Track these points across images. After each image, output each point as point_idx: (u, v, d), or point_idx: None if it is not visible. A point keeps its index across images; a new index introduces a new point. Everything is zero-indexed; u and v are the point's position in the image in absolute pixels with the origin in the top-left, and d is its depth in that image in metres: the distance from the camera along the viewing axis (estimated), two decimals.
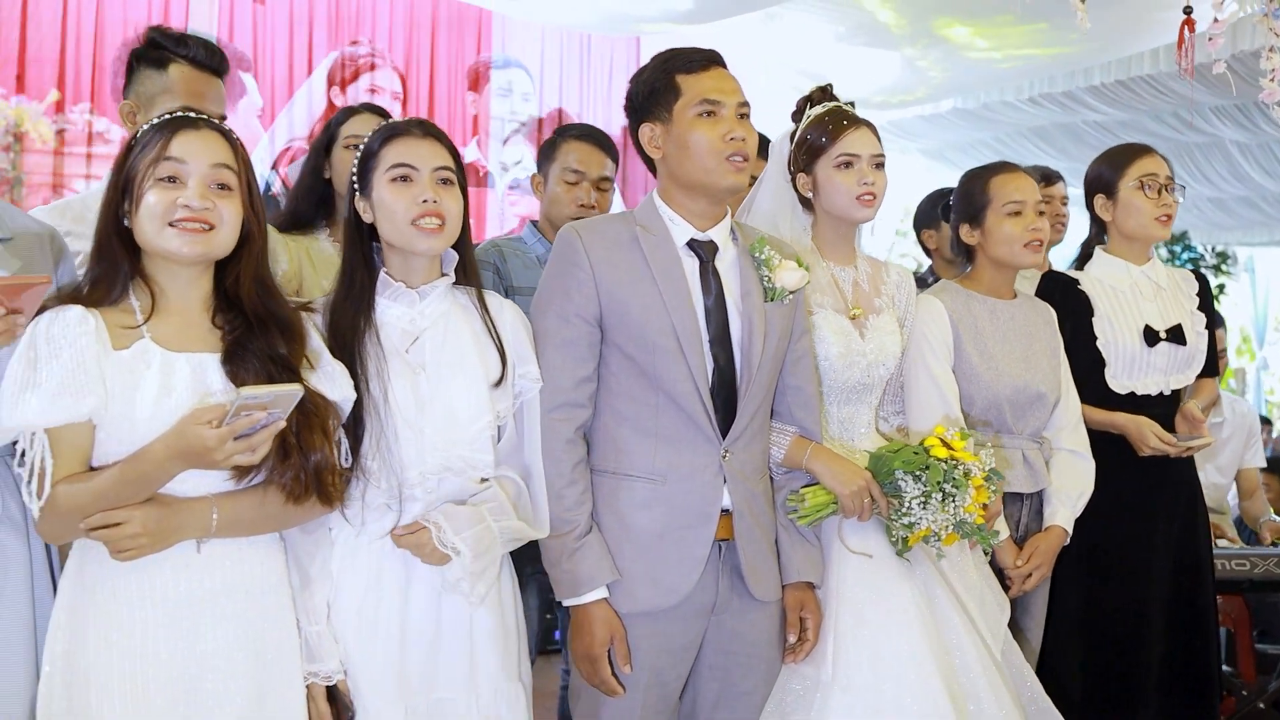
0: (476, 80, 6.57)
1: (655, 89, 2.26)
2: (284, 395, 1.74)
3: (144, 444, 1.79)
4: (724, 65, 2.29)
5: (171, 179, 1.84)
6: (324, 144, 2.86)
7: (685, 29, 5.34)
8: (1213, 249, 10.38)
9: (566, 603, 2.20)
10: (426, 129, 2.14)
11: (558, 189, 3.06)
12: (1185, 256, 9.41)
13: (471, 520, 2.02)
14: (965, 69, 5.62)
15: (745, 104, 2.26)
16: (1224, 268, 10.51)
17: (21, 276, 1.73)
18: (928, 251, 3.81)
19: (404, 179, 2.07)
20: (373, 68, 6.36)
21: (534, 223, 3.15)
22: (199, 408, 1.78)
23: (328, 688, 1.98)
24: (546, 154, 3.12)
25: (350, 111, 2.92)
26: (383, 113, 2.95)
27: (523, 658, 2.17)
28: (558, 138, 3.14)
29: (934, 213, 3.68)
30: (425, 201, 2.05)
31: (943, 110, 6.67)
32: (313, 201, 2.85)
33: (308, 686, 1.95)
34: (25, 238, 1.98)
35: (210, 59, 2.55)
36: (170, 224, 1.83)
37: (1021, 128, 7.66)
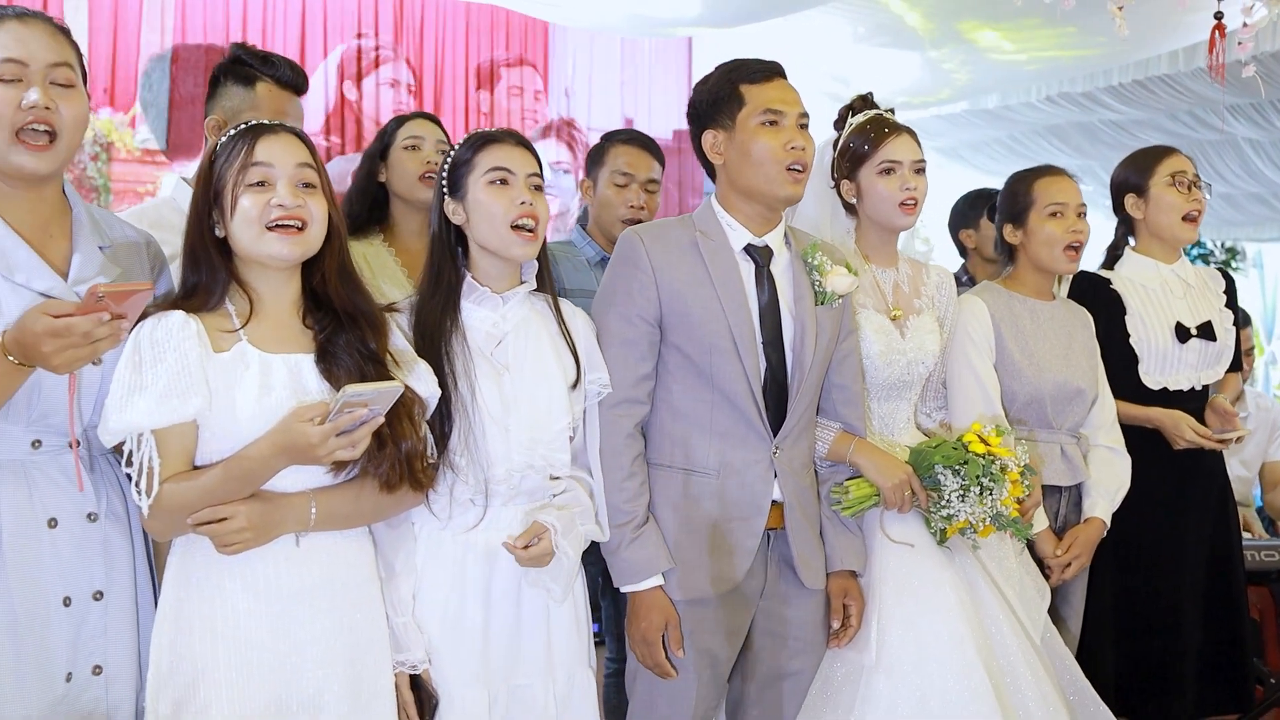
0: (489, 78, 6.65)
1: (720, 97, 2.35)
2: (386, 392, 1.83)
3: (247, 442, 1.88)
4: (785, 77, 2.38)
5: (261, 183, 1.92)
6: (379, 149, 2.95)
7: (712, 31, 5.42)
8: (1222, 244, 10.45)
9: (624, 589, 2.30)
10: (518, 138, 2.22)
11: (608, 192, 3.14)
12: (1195, 252, 9.48)
13: (569, 525, 2.12)
14: (990, 71, 5.68)
15: (805, 115, 2.35)
16: (1233, 263, 10.58)
17: (128, 283, 1.81)
18: (963, 251, 3.87)
19: (502, 182, 2.15)
20: (378, 62, 6.40)
21: (582, 226, 3.24)
22: (302, 406, 1.87)
23: (412, 676, 2.07)
24: (595, 159, 3.21)
25: (404, 118, 3.02)
26: (434, 118, 3.06)
27: (590, 646, 2.26)
28: (605, 143, 3.22)
29: (971, 213, 3.74)
30: (523, 203, 2.13)
31: (961, 110, 6.74)
32: (367, 204, 2.95)
33: (394, 675, 2.04)
34: (124, 246, 2.05)
35: (294, 78, 2.64)
36: (268, 228, 1.91)
37: (1037, 126, 7.71)
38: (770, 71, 2.36)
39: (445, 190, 2.21)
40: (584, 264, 3.10)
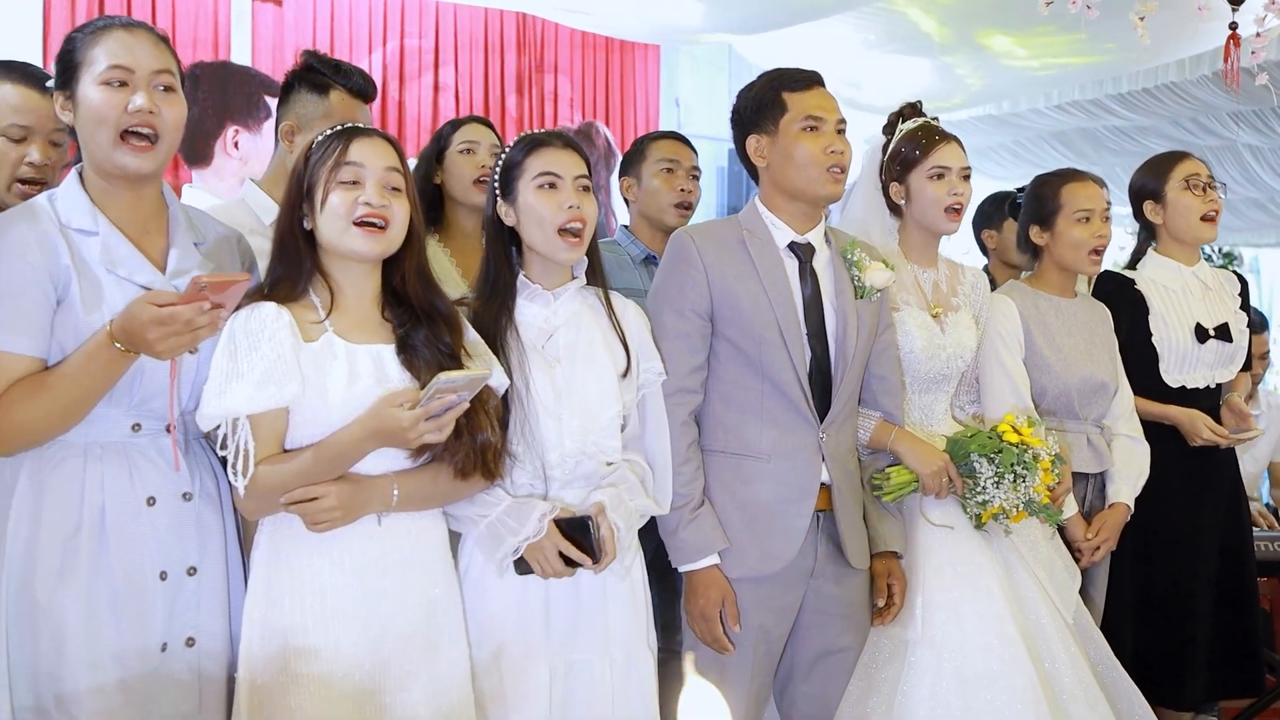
0: (520, 85, 6.79)
1: (763, 104, 2.47)
2: (475, 380, 1.94)
3: (335, 427, 1.99)
4: (824, 85, 2.50)
5: (352, 182, 2.03)
6: (434, 152, 3.06)
7: (729, 38, 5.53)
8: (1219, 249, 10.58)
9: (682, 568, 2.41)
10: (566, 140, 2.31)
11: (655, 181, 3.23)
12: None
13: (617, 501, 2.22)
14: (1003, 77, 5.81)
15: (843, 121, 2.47)
16: (1229, 267, 10.73)
17: (228, 274, 1.91)
18: (985, 251, 3.98)
19: (550, 185, 2.25)
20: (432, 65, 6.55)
21: (625, 226, 3.35)
22: (392, 392, 1.98)
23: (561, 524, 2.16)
24: (633, 159, 3.31)
25: (458, 122, 3.12)
26: (488, 123, 3.17)
27: (650, 626, 2.35)
28: (643, 142, 3.34)
29: (995, 214, 3.84)
30: (571, 207, 2.23)
31: (969, 116, 6.86)
32: (423, 206, 3.04)
33: (535, 545, 2.14)
34: (216, 242, 2.16)
35: (365, 86, 2.71)
36: (354, 223, 2.02)
37: (1043, 132, 7.84)
38: (810, 80, 2.48)
39: (498, 192, 2.31)
40: (629, 262, 3.20)
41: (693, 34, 5.86)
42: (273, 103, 5.65)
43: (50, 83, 2.07)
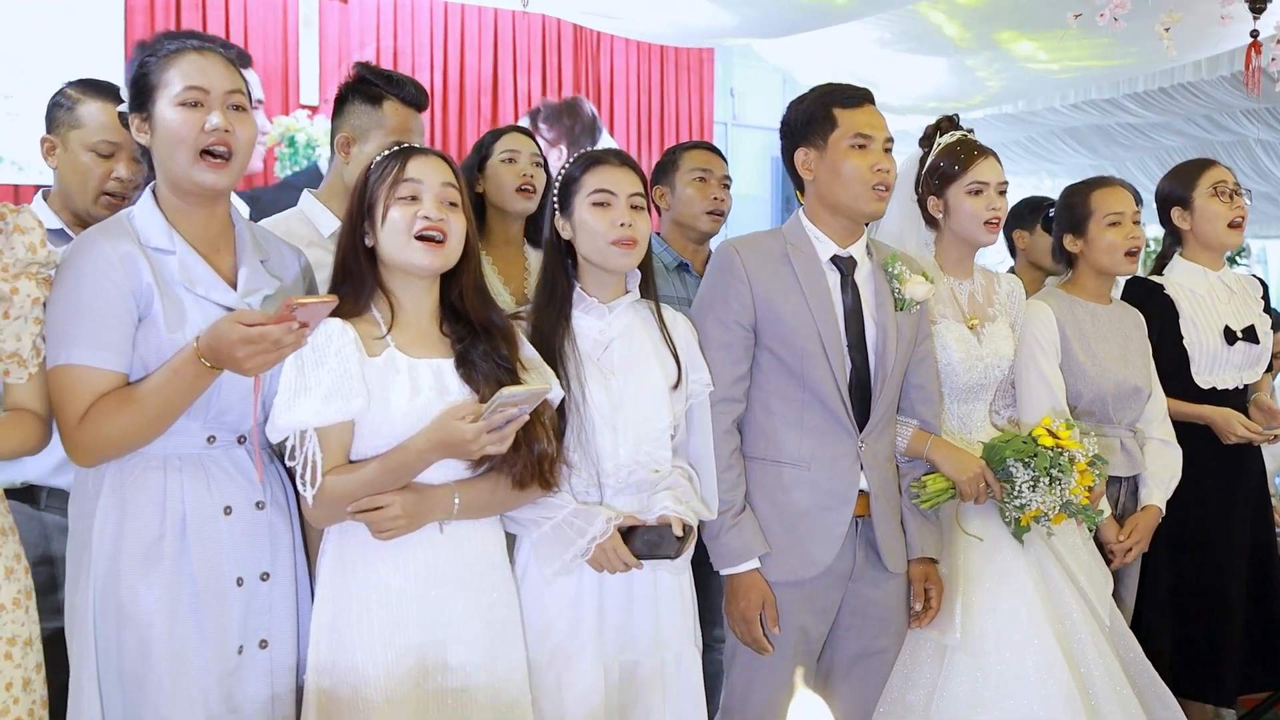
0: (576, 79, 6.80)
1: (813, 118, 2.53)
2: (536, 394, 2.01)
3: (399, 439, 2.06)
4: (874, 103, 2.56)
5: (411, 197, 2.11)
6: (476, 161, 3.12)
7: (752, 42, 5.58)
8: None
9: (724, 572, 2.49)
10: (622, 158, 2.38)
11: (688, 190, 3.31)
12: None
13: (678, 501, 2.30)
14: (1022, 79, 5.86)
15: (890, 139, 2.53)
16: (1238, 259, 10.78)
17: (318, 296, 1.98)
18: (1013, 252, 4.00)
19: (604, 204, 2.32)
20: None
21: (657, 233, 3.42)
22: (455, 405, 2.06)
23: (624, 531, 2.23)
24: (665, 168, 3.38)
25: (500, 132, 3.19)
26: (529, 132, 3.23)
27: (696, 625, 2.43)
28: (675, 152, 3.40)
29: (1030, 216, 3.86)
30: (622, 225, 2.30)
31: (984, 115, 6.92)
32: None
33: (600, 545, 2.21)
34: (279, 258, 2.23)
35: (417, 96, 2.76)
36: (414, 237, 2.09)
37: (1055, 128, 7.90)
38: (861, 98, 2.54)
39: (556, 206, 2.38)
40: (662, 269, 3.25)
41: (717, 37, 5.91)
42: (251, 76, 5.63)
43: (123, 105, 2.14)
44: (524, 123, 6.56)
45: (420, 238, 2.10)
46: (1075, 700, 2.54)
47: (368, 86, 2.72)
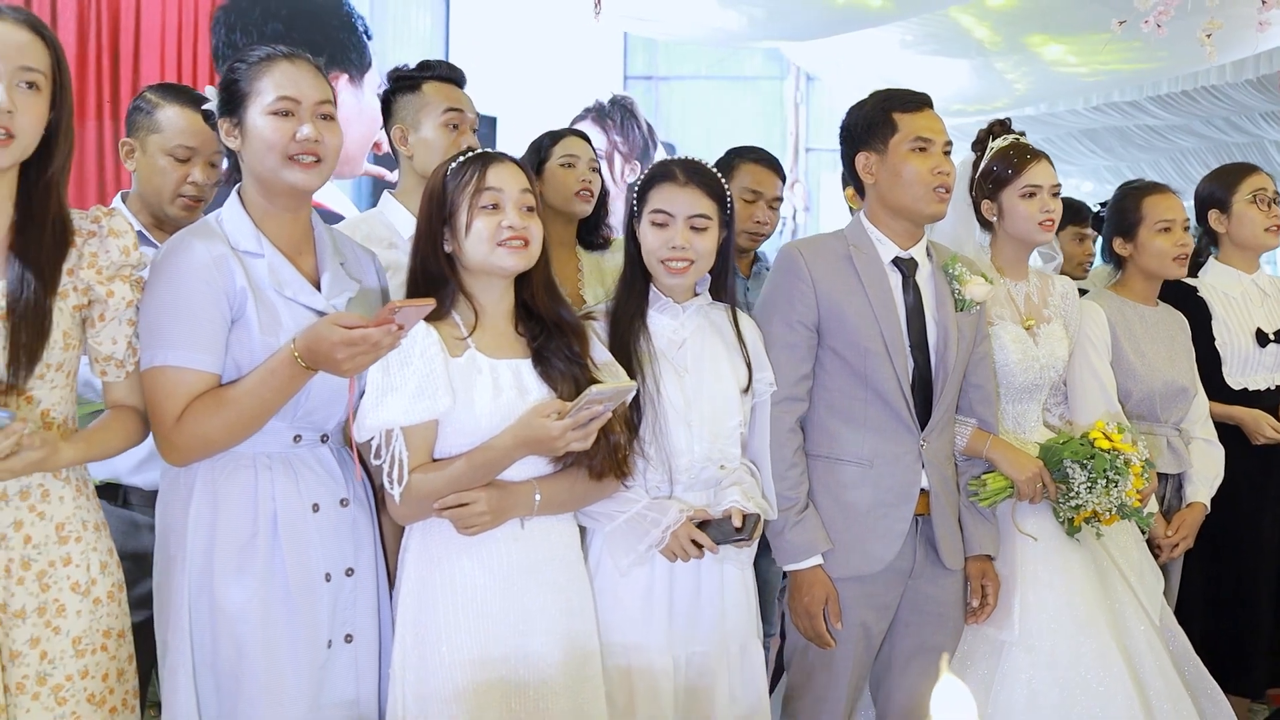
0: None
1: (874, 123, 2.57)
2: (622, 391, 2.06)
3: (484, 437, 2.10)
4: (933, 107, 2.60)
5: (494, 206, 2.15)
6: (533, 164, 3.14)
7: (778, 44, 5.62)
8: None
9: (787, 568, 2.52)
10: (689, 175, 2.38)
11: (735, 206, 3.32)
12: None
13: (747, 495, 2.34)
14: (1050, 81, 5.90)
15: (950, 142, 2.57)
16: None
17: (417, 299, 2.00)
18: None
19: (661, 225, 2.35)
20: None
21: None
22: (541, 403, 2.10)
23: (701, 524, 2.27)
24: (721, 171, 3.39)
25: (557, 135, 3.20)
26: (585, 136, 3.26)
27: (758, 618, 2.47)
28: (732, 159, 3.35)
29: (1072, 215, 3.88)
30: (674, 247, 2.32)
31: (1006, 116, 6.97)
32: None
33: (674, 532, 2.25)
34: (357, 261, 2.26)
35: (452, 72, 2.80)
36: (498, 244, 2.13)
37: (1073, 129, 7.95)
38: (921, 102, 2.58)
39: (634, 213, 2.42)
40: None
41: (748, 40, 5.96)
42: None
43: (208, 106, 2.17)
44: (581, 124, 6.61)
45: (503, 244, 2.14)
46: (1131, 695, 2.59)
47: (402, 81, 2.76)
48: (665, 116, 8.07)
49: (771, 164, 3.40)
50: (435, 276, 2.19)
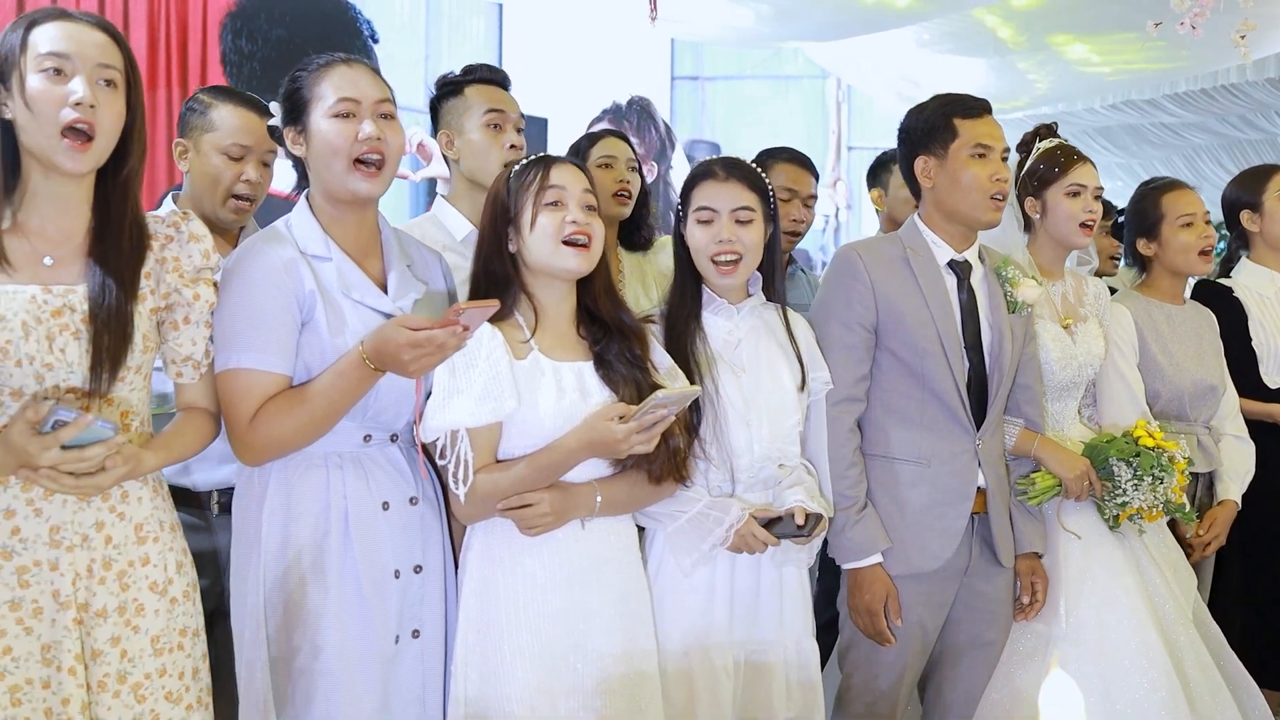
0: None
1: (934, 127, 2.57)
2: (686, 395, 2.06)
3: (548, 439, 2.10)
4: (992, 113, 2.61)
5: (556, 204, 2.15)
6: None
7: (800, 45, 5.62)
8: None
9: (847, 566, 2.53)
10: (730, 171, 2.39)
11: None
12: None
13: (809, 494, 2.34)
14: (1072, 80, 5.91)
15: (1008, 150, 2.58)
16: None
17: (482, 301, 2.00)
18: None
19: (707, 221, 2.36)
20: None
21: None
22: (606, 406, 2.11)
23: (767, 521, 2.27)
24: None
25: (596, 136, 3.20)
26: (624, 136, 3.26)
27: (812, 618, 2.47)
28: (765, 160, 3.32)
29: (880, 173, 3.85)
30: (721, 241, 2.33)
31: (1021, 116, 6.98)
32: None
33: (738, 532, 2.25)
34: (423, 263, 2.26)
35: (494, 75, 2.81)
36: (562, 243, 2.14)
37: (1087, 128, 7.96)
38: (982, 108, 2.59)
39: (680, 216, 2.42)
40: None
41: (774, 40, 5.97)
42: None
43: (274, 121, 2.18)
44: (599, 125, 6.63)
45: (568, 242, 2.15)
46: (1175, 687, 2.60)
47: (447, 87, 2.77)
48: (711, 116, 8.11)
49: (804, 163, 3.39)
50: (498, 278, 2.20)
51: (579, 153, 3.17)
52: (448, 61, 6.04)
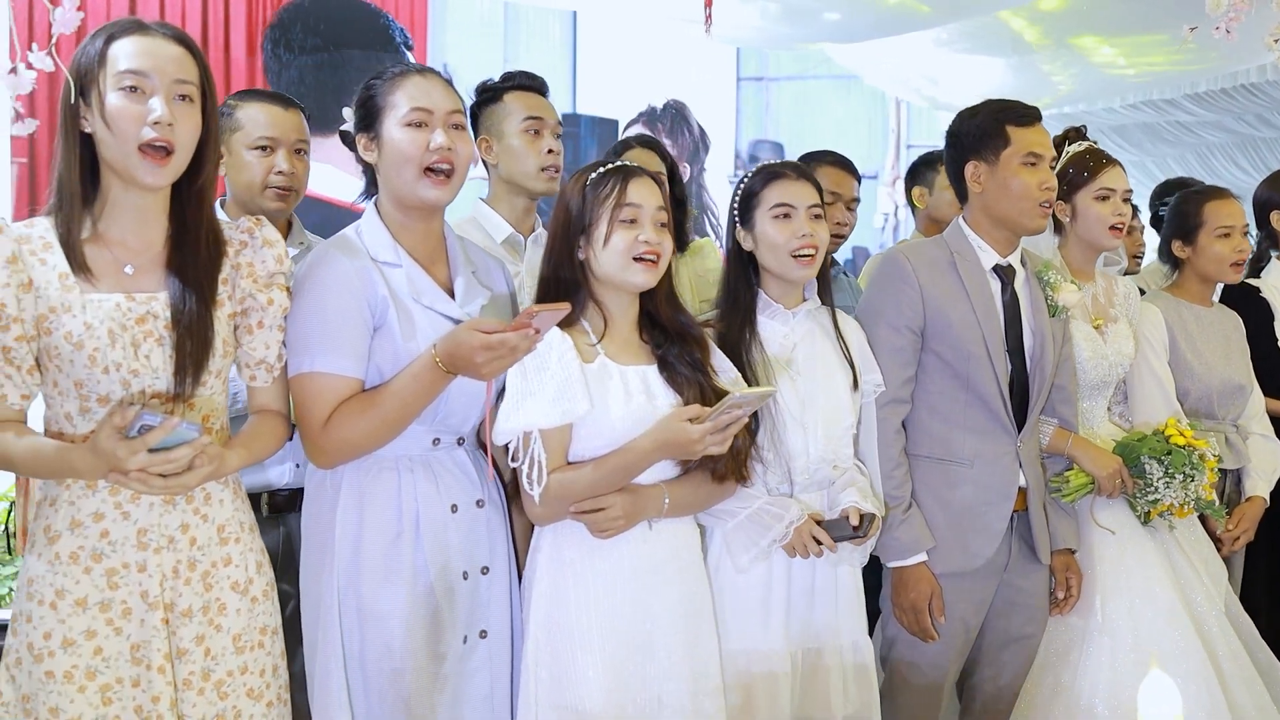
0: None
1: (986, 133, 2.61)
2: (763, 395, 2.11)
3: (617, 441, 2.15)
4: (1042, 120, 2.65)
5: (632, 221, 2.20)
6: None
7: (822, 46, 5.65)
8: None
9: (892, 564, 2.58)
10: (800, 171, 2.45)
11: None
12: None
13: (863, 495, 2.39)
14: (1094, 80, 5.93)
15: (1055, 157, 2.63)
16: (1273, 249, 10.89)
17: (553, 304, 2.05)
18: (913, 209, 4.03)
19: (785, 216, 2.41)
20: None
21: None
22: (682, 407, 2.15)
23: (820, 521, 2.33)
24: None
25: (628, 144, 3.25)
26: (654, 144, 3.30)
27: (865, 616, 2.51)
28: (809, 163, 3.29)
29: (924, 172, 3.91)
30: (804, 235, 2.39)
31: (1045, 115, 6.99)
32: None
33: (796, 529, 2.30)
34: (486, 268, 2.31)
35: (533, 82, 2.85)
36: (634, 259, 2.18)
37: (1102, 125, 7.96)
38: (1034, 116, 2.62)
39: (737, 219, 2.48)
40: None
41: (794, 42, 6.01)
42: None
43: (345, 126, 2.23)
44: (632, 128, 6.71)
45: (637, 259, 2.18)
46: (1210, 677, 2.66)
47: (486, 94, 2.81)
48: (775, 116, 8.19)
49: (846, 166, 3.43)
50: (567, 282, 2.23)
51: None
52: (526, 65, 6.18)
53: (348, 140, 2.22)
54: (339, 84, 5.76)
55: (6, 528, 4.12)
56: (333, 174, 4.82)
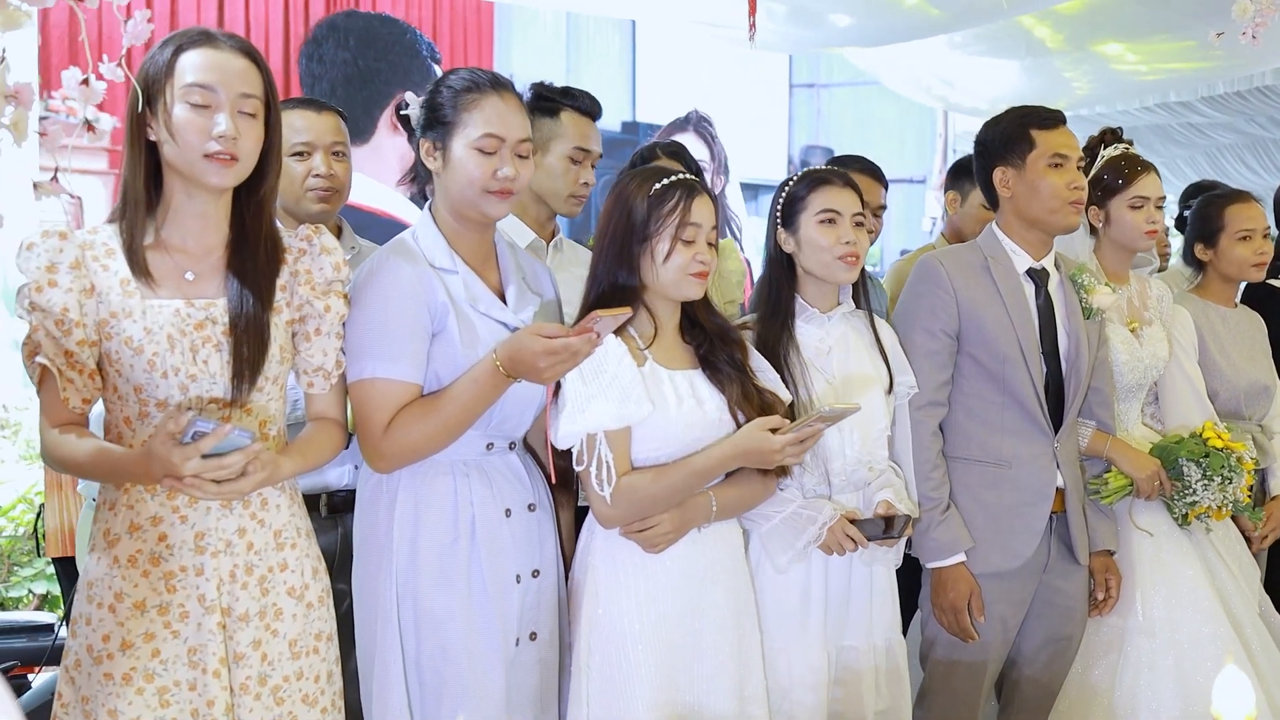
0: None
1: (1011, 139, 2.62)
2: (846, 412, 2.13)
3: (675, 443, 2.17)
4: (1066, 122, 2.66)
5: (690, 241, 2.20)
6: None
7: (844, 50, 5.64)
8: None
9: (930, 565, 2.59)
10: (845, 179, 2.47)
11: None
12: None
13: (897, 496, 2.41)
14: (1111, 82, 5.94)
15: (1083, 158, 2.63)
16: None
17: (616, 309, 2.07)
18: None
19: (830, 221, 2.42)
20: None
21: None
22: (763, 418, 2.17)
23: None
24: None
25: (656, 148, 3.25)
26: (679, 152, 3.29)
27: (899, 615, 2.52)
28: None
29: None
30: (848, 243, 2.40)
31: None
32: None
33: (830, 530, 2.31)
34: (534, 274, 2.31)
35: (593, 107, 2.83)
36: (689, 274, 2.20)
37: (1113, 126, 7.98)
38: (1057, 119, 2.64)
39: (779, 222, 2.49)
40: None
41: (806, 46, 6.02)
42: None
43: (407, 111, 2.20)
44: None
45: (695, 274, 2.20)
46: (1250, 680, 2.67)
47: (544, 101, 2.78)
48: (826, 122, 8.26)
49: (875, 173, 3.43)
50: (623, 289, 2.23)
51: (634, 167, 3.20)
52: (588, 75, 6.36)
53: (406, 124, 2.21)
54: (368, 97, 5.82)
55: (37, 530, 4.12)
56: (363, 181, 4.84)
